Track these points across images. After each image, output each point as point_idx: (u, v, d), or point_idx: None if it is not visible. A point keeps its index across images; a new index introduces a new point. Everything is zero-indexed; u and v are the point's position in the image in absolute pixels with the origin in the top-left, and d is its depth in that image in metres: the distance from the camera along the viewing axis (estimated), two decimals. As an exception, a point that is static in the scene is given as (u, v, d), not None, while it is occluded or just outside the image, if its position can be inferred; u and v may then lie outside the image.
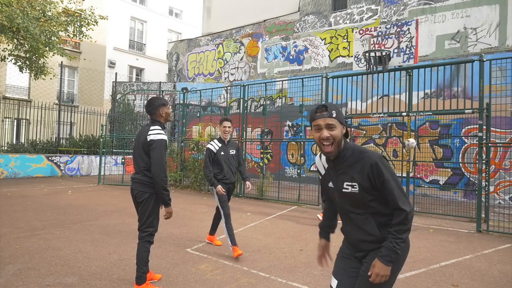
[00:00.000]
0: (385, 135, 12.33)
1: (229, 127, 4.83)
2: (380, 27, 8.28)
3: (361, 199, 1.92)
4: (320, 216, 7.68)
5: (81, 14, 13.93)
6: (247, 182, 5.00)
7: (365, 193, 1.91)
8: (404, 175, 8.52)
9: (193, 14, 28.60)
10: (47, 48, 12.66)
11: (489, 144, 6.84)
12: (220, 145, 4.86)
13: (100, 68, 22.72)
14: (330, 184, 2.06)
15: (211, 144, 4.88)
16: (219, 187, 4.69)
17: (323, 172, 2.12)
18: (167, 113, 3.57)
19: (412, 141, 6.87)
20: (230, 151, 4.90)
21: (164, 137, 3.42)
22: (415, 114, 7.85)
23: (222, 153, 4.81)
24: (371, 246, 1.96)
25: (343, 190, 1.96)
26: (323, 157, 2.09)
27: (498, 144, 8.82)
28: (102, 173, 12.43)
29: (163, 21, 26.90)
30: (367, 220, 1.94)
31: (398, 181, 1.90)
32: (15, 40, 12.68)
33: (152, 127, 3.43)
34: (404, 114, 7.99)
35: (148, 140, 3.36)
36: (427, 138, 11.40)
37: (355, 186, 1.92)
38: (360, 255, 2.02)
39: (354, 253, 2.06)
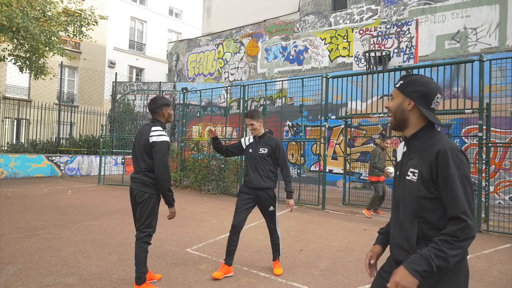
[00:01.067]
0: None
1: (251, 124, 3.99)
2: (380, 27, 8.28)
3: (415, 191, 1.59)
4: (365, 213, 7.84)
5: (81, 14, 13.92)
6: (288, 200, 4.09)
7: (421, 185, 1.57)
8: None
9: (193, 14, 28.60)
10: (47, 48, 12.66)
11: (489, 144, 6.83)
12: (251, 141, 4.12)
13: (100, 68, 22.72)
14: (397, 172, 1.77)
15: (243, 138, 4.25)
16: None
17: (399, 159, 1.81)
18: (170, 114, 3.54)
19: (390, 171, 7.43)
20: (261, 149, 3.99)
21: (167, 138, 3.38)
22: (415, 114, 7.83)
23: (250, 150, 4.05)
24: (405, 257, 1.55)
25: (406, 177, 1.65)
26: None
27: (498, 144, 8.82)
28: (102, 173, 12.43)
29: (163, 21, 26.89)
30: (411, 222, 1.60)
31: (469, 186, 1.52)
32: (15, 40, 12.68)
33: (153, 128, 3.39)
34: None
35: (150, 141, 3.33)
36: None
37: (415, 174, 1.60)
38: (396, 267, 1.56)
39: (394, 261, 1.71)
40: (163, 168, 3.31)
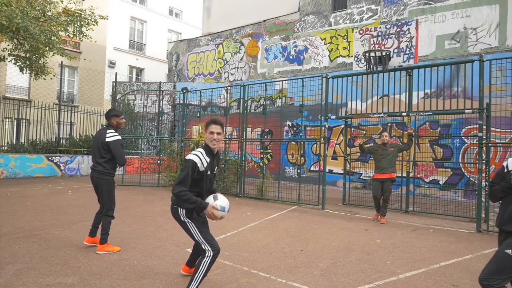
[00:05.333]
0: (385, 135, 12.32)
1: (218, 133, 3.36)
2: (380, 27, 8.28)
3: None
4: None
5: (81, 14, 13.91)
6: None
7: None
8: (404, 175, 8.52)
9: (193, 14, 28.60)
10: (47, 48, 12.64)
11: (489, 144, 6.84)
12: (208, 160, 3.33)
13: (100, 68, 22.71)
14: None
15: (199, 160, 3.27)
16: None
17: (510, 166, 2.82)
18: (119, 122, 4.90)
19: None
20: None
21: (119, 137, 4.77)
22: (415, 114, 7.85)
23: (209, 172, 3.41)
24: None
25: None
26: None
27: (498, 144, 8.82)
28: (102, 173, 12.40)
29: (163, 21, 26.89)
30: None
31: None
32: (15, 40, 12.67)
33: (108, 130, 4.77)
34: (404, 114, 7.99)
35: (106, 141, 4.69)
36: (427, 138, 11.40)
37: None
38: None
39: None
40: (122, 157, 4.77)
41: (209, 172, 3.31)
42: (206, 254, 3.17)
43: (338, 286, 3.78)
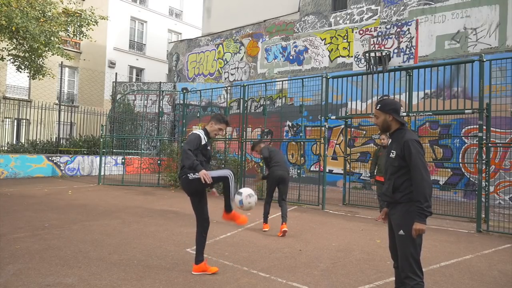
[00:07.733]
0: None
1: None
2: (380, 27, 8.29)
3: (394, 162, 2.85)
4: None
5: (81, 14, 13.90)
6: None
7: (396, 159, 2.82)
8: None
9: (193, 14, 28.59)
10: (46, 49, 12.63)
11: (489, 144, 6.83)
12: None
13: (100, 68, 22.71)
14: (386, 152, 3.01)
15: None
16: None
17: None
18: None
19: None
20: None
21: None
22: (415, 114, 7.85)
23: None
24: (388, 200, 2.94)
25: (390, 155, 2.91)
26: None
27: (498, 144, 8.81)
28: (102, 173, 12.43)
29: (163, 21, 26.89)
30: (389, 179, 2.91)
31: (421, 157, 2.77)
32: (14, 40, 12.66)
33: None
34: (404, 114, 7.98)
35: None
36: (427, 138, 11.40)
37: (394, 153, 2.87)
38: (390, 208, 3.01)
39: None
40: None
41: (208, 147, 4.12)
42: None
43: (338, 286, 3.78)
